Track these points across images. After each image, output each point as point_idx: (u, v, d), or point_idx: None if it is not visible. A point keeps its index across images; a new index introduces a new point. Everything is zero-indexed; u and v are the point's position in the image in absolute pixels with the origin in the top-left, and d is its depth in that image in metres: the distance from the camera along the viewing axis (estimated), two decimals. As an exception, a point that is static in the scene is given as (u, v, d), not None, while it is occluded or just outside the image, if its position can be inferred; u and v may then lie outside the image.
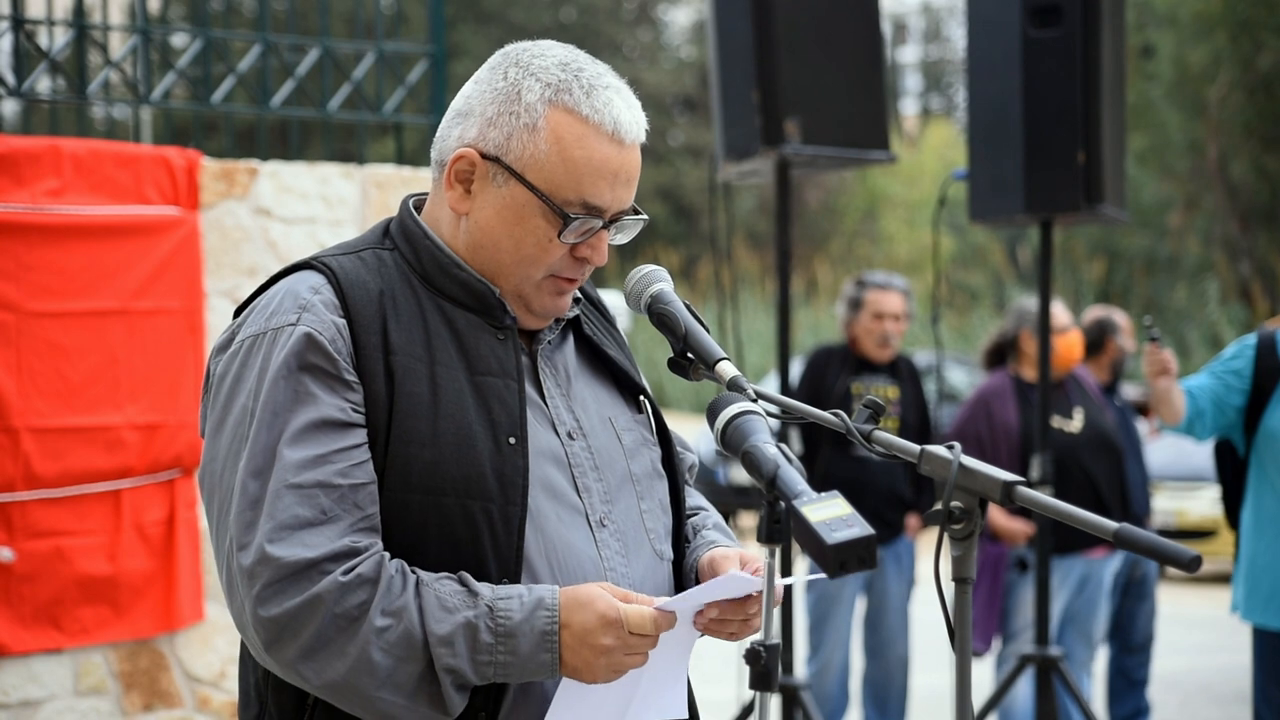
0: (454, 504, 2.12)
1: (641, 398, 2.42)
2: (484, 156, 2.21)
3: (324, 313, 2.15)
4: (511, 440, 2.17)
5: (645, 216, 2.29)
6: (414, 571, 2.10)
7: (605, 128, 2.21)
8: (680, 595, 2.18)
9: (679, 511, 2.41)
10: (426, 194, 2.36)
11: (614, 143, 2.22)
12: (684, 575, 2.39)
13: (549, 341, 2.33)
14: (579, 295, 2.38)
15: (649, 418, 2.41)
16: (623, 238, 2.29)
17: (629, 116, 2.24)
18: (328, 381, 2.11)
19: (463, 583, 2.10)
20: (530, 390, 2.25)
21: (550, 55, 2.25)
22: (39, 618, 4.69)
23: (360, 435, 2.12)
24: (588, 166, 2.20)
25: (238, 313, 2.27)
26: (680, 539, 2.41)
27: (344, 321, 2.15)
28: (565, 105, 2.20)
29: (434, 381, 2.15)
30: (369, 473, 2.11)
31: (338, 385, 2.12)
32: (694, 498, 2.52)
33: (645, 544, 2.30)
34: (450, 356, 2.18)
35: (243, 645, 2.25)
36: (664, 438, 2.42)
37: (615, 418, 2.35)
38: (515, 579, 2.14)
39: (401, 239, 2.28)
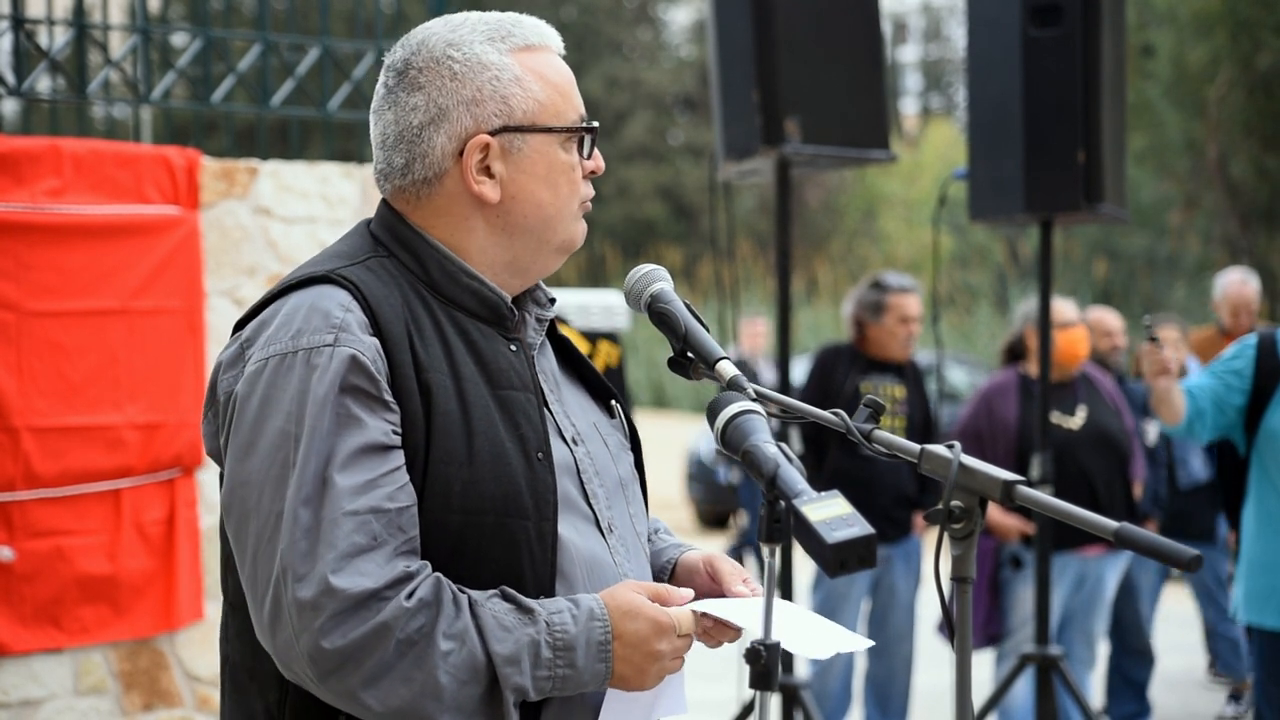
0: (493, 523, 2.11)
1: (613, 402, 2.42)
2: (493, 134, 2.20)
3: (359, 333, 2.09)
4: (540, 456, 2.16)
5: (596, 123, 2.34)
6: (464, 591, 2.08)
7: (552, 45, 2.29)
8: (714, 603, 2.21)
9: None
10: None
11: (560, 54, 2.30)
12: (654, 576, 2.40)
13: (535, 347, 2.31)
14: (551, 298, 2.38)
15: (621, 421, 2.42)
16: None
17: (549, 27, 2.32)
18: (369, 404, 2.07)
19: (509, 598, 2.08)
20: None
21: (460, 21, 2.26)
22: (39, 617, 4.69)
23: (400, 458, 2.08)
24: (565, 83, 2.26)
25: (240, 324, 2.19)
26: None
27: (377, 341, 2.10)
28: (518, 45, 2.24)
29: (462, 399, 2.13)
30: (411, 495, 2.08)
31: (378, 407, 2.08)
32: None
33: (639, 546, 2.31)
34: (471, 371, 2.15)
35: (238, 668, 2.19)
36: (635, 441, 2.43)
37: (598, 423, 2.35)
38: (550, 594, 2.14)
39: (397, 245, 2.23)
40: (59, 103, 5.78)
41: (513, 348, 2.22)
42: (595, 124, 2.29)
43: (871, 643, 2.29)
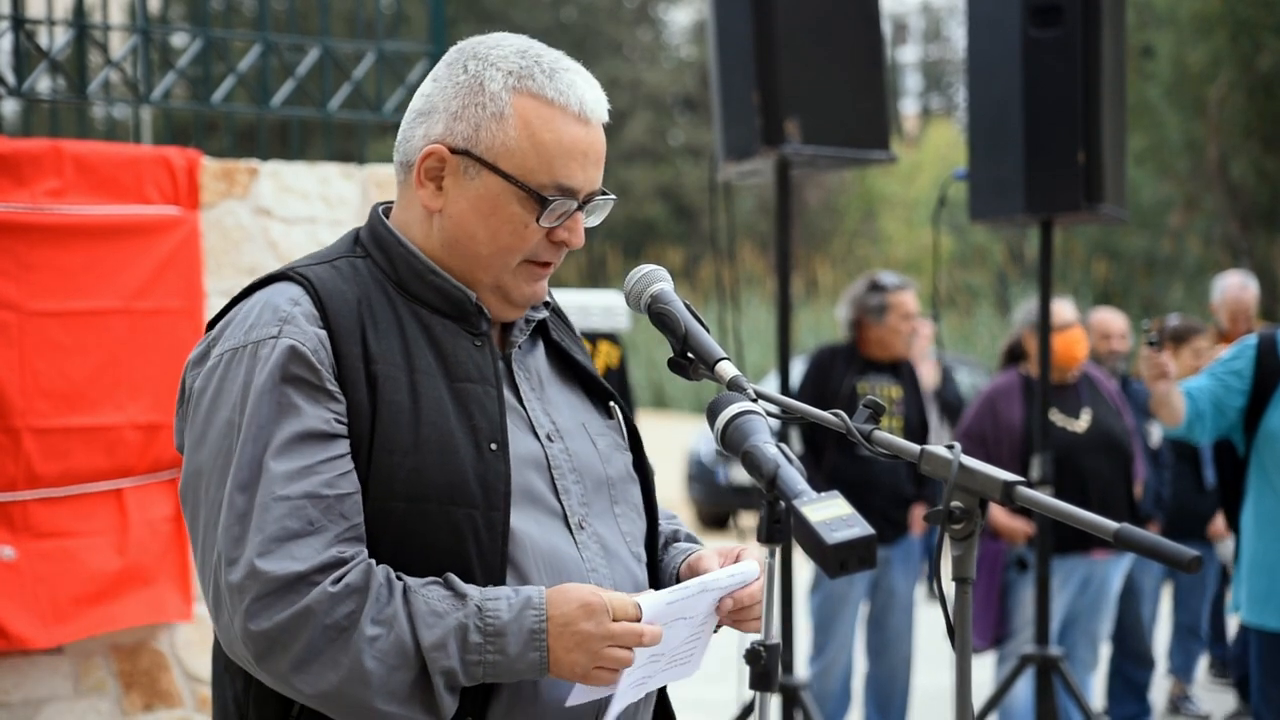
0: (437, 510, 2.13)
1: (611, 403, 2.43)
2: (453, 151, 2.22)
3: (305, 324, 2.14)
4: (493, 446, 2.18)
5: (614, 197, 2.31)
6: (400, 578, 2.10)
7: (571, 108, 2.22)
8: (683, 585, 2.19)
9: (652, 515, 2.42)
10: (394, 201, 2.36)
11: (581, 123, 2.23)
12: (662, 582, 2.40)
13: (519, 346, 2.33)
14: (546, 300, 2.39)
15: (619, 423, 2.43)
16: (594, 219, 2.30)
17: (593, 96, 2.26)
18: (311, 393, 2.11)
19: (448, 585, 2.10)
20: (508, 394, 2.26)
21: (508, 44, 2.27)
22: (40, 617, 4.69)
23: (344, 446, 2.12)
24: (558, 148, 2.21)
25: (211, 325, 2.25)
26: (654, 545, 2.41)
27: (324, 332, 2.15)
28: (530, 90, 2.22)
29: (414, 389, 2.16)
30: (353, 482, 2.11)
31: (320, 396, 2.12)
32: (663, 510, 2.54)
33: (622, 547, 2.31)
34: (429, 364, 2.19)
35: (216, 659, 2.26)
36: (635, 442, 2.43)
37: (588, 423, 2.36)
38: (501, 584, 2.15)
39: (374, 246, 2.29)
40: (59, 103, 5.78)
41: (477, 343, 2.25)
42: (570, 201, 2.22)
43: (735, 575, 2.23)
